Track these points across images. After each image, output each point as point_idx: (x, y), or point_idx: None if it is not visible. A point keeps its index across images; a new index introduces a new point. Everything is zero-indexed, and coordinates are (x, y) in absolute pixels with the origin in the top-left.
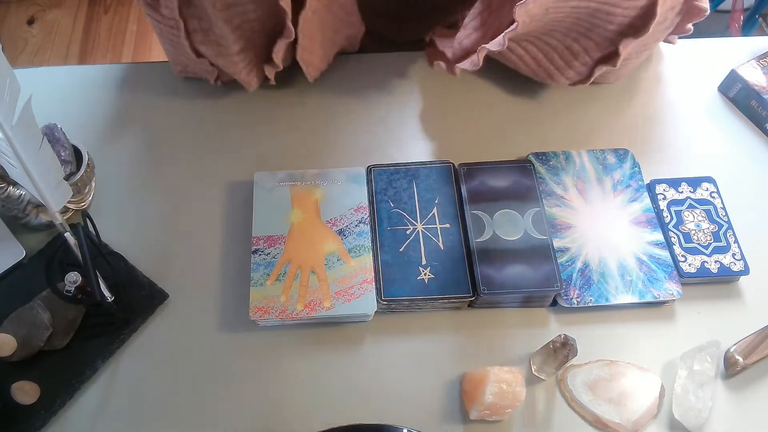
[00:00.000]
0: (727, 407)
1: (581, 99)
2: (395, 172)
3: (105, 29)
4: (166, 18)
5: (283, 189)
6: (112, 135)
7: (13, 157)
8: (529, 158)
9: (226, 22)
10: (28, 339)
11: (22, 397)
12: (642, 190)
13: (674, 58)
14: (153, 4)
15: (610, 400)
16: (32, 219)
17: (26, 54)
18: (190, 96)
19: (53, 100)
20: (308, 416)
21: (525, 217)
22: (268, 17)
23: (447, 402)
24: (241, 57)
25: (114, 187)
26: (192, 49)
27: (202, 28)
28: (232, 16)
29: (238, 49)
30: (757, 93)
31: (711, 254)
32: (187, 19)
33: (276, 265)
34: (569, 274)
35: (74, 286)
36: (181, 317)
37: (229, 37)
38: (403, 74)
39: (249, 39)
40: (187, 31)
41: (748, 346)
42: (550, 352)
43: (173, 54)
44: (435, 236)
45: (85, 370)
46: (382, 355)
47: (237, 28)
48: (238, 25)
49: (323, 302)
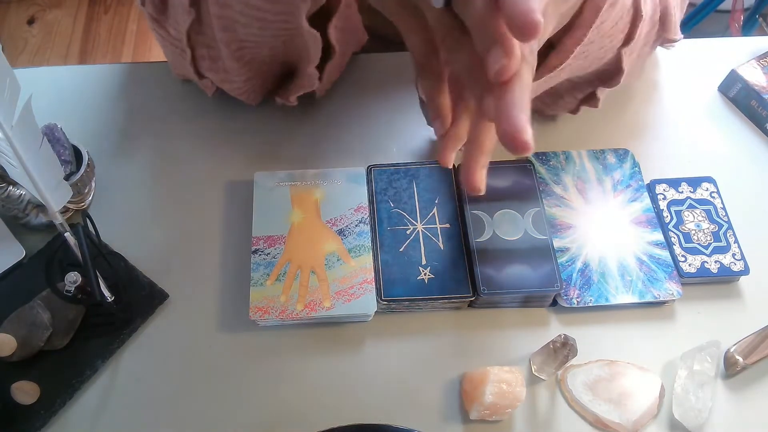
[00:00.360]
0: (728, 407)
1: None
2: (395, 172)
3: (105, 29)
4: (172, 38)
5: (283, 189)
6: (112, 135)
7: (13, 157)
8: (529, 158)
9: (236, 59)
10: (27, 339)
11: (22, 397)
12: (642, 190)
13: (674, 59)
14: (159, 19)
15: (610, 400)
16: (32, 219)
17: (26, 54)
18: (190, 96)
19: (53, 100)
20: (308, 416)
21: (525, 217)
22: (285, 56)
23: (447, 402)
24: (248, 85)
25: (114, 187)
26: (196, 72)
27: (210, 56)
28: (244, 55)
29: (245, 79)
30: (757, 93)
31: (711, 254)
32: (195, 45)
33: (276, 265)
34: (569, 274)
35: (74, 286)
36: (181, 317)
37: (238, 70)
38: (403, 74)
39: (258, 70)
40: (193, 56)
41: (749, 346)
42: (550, 352)
43: (173, 63)
44: (435, 236)
45: (85, 370)
46: (382, 355)
47: (247, 64)
48: (249, 61)
49: (323, 302)
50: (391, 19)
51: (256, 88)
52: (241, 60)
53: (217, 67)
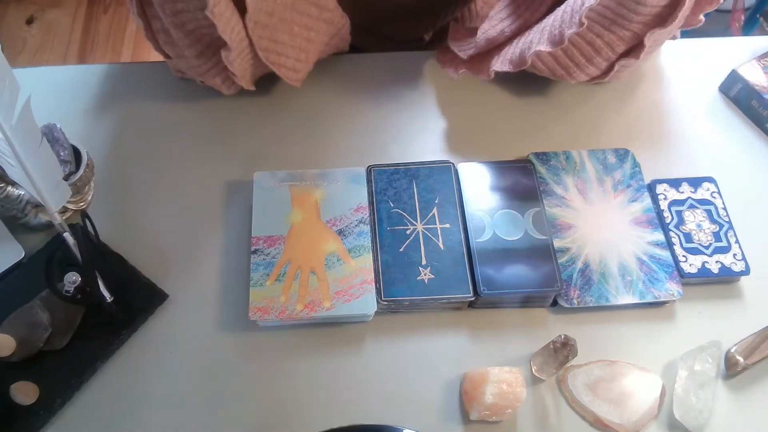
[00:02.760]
0: (728, 408)
1: (582, 99)
2: (395, 172)
3: (104, 29)
4: (134, 14)
5: (282, 189)
6: (112, 135)
7: (12, 157)
8: (530, 158)
9: (177, 27)
10: (27, 339)
11: (21, 398)
12: (643, 190)
13: (675, 58)
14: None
15: (610, 401)
16: (31, 219)
17: (25, 54)
18: (189, 96)
19: (53, 100)
20: (308, 416)
21: (525, 217)
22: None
23: (447, 402)
24: (201, 62)
25: (114, 187)
26: (159, 49)
27: (163, 29)
28: (184, 22)
29: (195, 54)
30: (757, 93)
31: (712, 254)
32: (150, 19)
33: (276, 266)
34: (569, 274)
35: (74, 286)
36: (181, 317)
37: (183, 41)
38: (402, 74)
39: (208, 45)
40: (151, 30)
41: (749, 346)
42: (550, 353)
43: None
44: (435, 236)
45: (84, 370)
46: (382, 355)
47: (190, 33)
48: (192, 30)
49: (323, 302)
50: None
51: (215, 68)
52: (182, 28)
53: (171, 41)
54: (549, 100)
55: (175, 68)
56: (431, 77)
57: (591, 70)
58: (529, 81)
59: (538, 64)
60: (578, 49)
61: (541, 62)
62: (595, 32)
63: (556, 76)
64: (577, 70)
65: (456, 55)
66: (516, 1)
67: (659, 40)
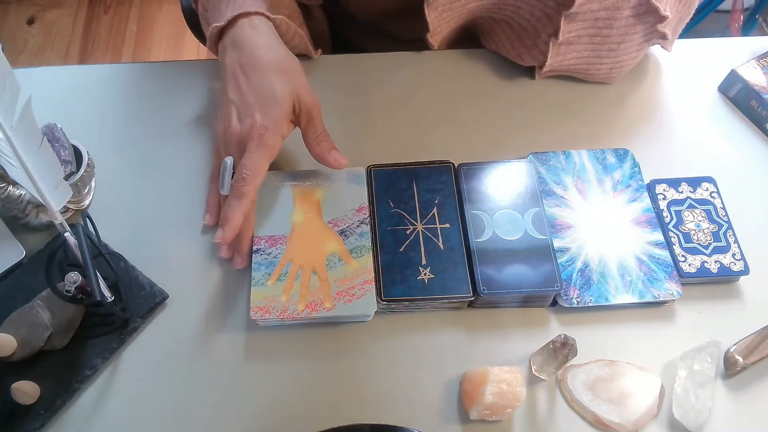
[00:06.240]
0: (728, 407)
1: (581, 98)
2: (395, 172)
3: (105, 29)
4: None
5: (285, 189)
6: (112, 135)
7: (13, 157)
8: (529, 158)
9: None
10: (27, 339)
11: (22, 397)
12: (642, 190)
13: (674, 58)
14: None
15: (610, 400)
16: (32, 219)
17: (26, 54)
18: (189, 96)
19: (53, 100)
20: (308, 416)
21: (525, 217)
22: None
23: (447, 402)
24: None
25: (114, 187)
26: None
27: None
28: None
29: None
30: (757, 93)
31: (711, 254)
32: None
33: (277, 265)
34: (569, 274)
35: (74, 286)
36: (181, 317)
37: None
38: (403, 74)
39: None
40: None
41: (748, 346)
42: (550, 352)
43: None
44: (435, 236)
45: (85, 370)
46: (382, 355)
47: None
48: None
49: (324, 302)
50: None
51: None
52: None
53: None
54: (549, 100)
55: None
56: (431, 77)
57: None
58: (530, 81)
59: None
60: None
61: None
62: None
63: (511, 57)
64: (526, 54)
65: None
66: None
67: (629, 54)
